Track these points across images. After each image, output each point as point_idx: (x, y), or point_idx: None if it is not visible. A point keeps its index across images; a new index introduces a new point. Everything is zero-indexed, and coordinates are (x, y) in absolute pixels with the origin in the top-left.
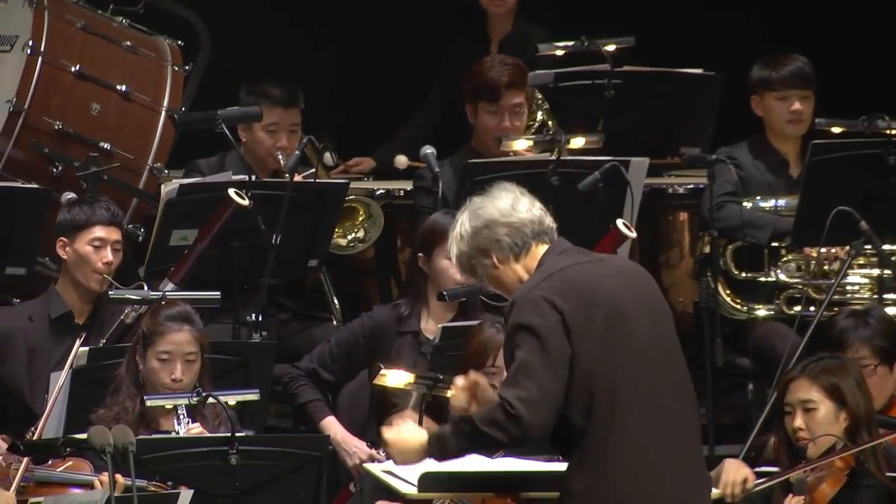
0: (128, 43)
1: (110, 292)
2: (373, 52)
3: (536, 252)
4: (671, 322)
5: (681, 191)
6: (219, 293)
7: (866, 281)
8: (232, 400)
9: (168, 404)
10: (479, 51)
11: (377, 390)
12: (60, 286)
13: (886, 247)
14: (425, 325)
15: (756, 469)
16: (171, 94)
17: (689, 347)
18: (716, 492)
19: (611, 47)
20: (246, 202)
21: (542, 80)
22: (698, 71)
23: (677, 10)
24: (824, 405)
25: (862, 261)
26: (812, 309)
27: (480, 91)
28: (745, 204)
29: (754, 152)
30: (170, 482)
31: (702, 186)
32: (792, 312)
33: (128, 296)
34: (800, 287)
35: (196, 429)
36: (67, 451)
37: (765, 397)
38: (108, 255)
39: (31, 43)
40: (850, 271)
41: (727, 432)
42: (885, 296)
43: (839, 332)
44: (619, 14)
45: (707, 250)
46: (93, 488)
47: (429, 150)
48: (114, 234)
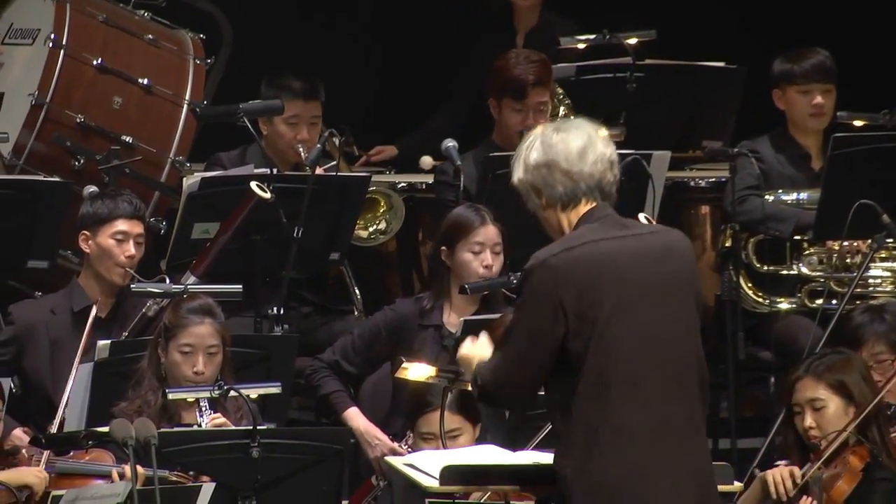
0: (150, 36)
1: (132, 286)
2: (398, 44)
3: (581, 209)
4: (690, 306)
5: (702, 184)
6: (240, 286)
7: (888, 274)
8: (254, 393)
9: (190, 397)
10: (506, 43)
11: (412, 387)
12: (83, 279)
13: None
14: (448, 319)
15: (777, 463)
16: (193, 88)
17: (710, 341)
18: (737, 484)
19: (633, 40)
20: (268, 195)
21: (564, 73)
22: (720, 64)
23: (699, 3)
24: (832, 402)
25: (884, 254)
26: (834, 302)
27: (505, 88)
28: (767, 197)
29: (776, 146)
30: (191, 472)
31: (724, 180)
32: (814, 306)
33: (150, 289)
34: (822, 280)
35: (219, 419)
36: (89, 444)
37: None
38: (130, 248)
39: (52, 36)
40: (872, 264)
41: (749, 425)
42: None
43: (855, 328)
44: (641, 7)
45: (729, 243)
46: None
47: (450, 143)
48: (136, 227)
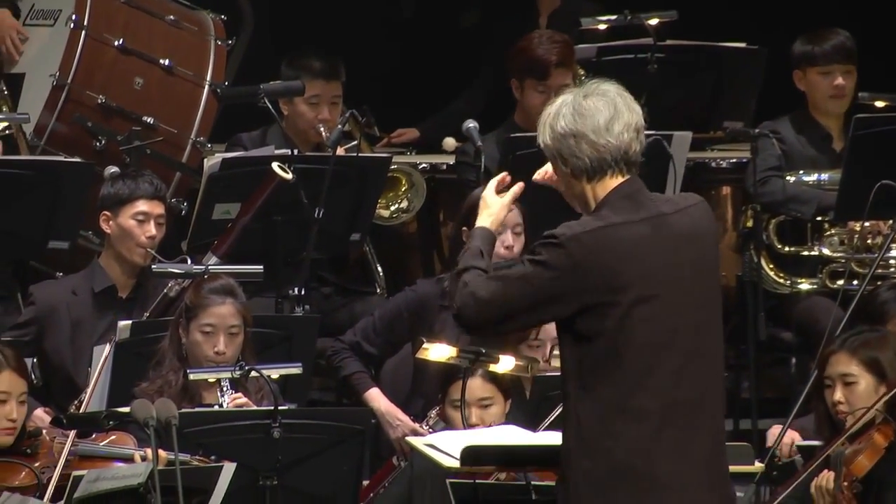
0: (171, 17)
1: (153, 266)
2: (420, 24)
3: (608, 182)
4: (714, 292)
5: (724, 165)
6: (261, 267)
7: None
8: (275, 373)
9: (211, 378)
10: (528, 24)
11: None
12: (104, 260)
13: None
14: None
15: (799, 443)
16: (214, 69)
17: (732, 321)
18: (758, 465)
19: (654, 21)
20: (289, 176)
21: (585, 54)
22: (741, 45)
23: None
24: (864, 379)
25: None
26: (855, 283)
27: (528, 68)
28: (788, 178)
29: (797, 127)
30: (213, 457)
31: (745, 160)
32: (835, 286)
33: (171, 269)
34: (843, 261)
35: (240, 398)
36: (110, 424)
37: (807, 371)
38: (151, 229)
39: (74, 17)
40: (893, 245)
41: (770, 406)
42: None
43: (881, 304)
44: None
45: (750, 224)
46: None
47: (471, 124)
48: (157, 208)
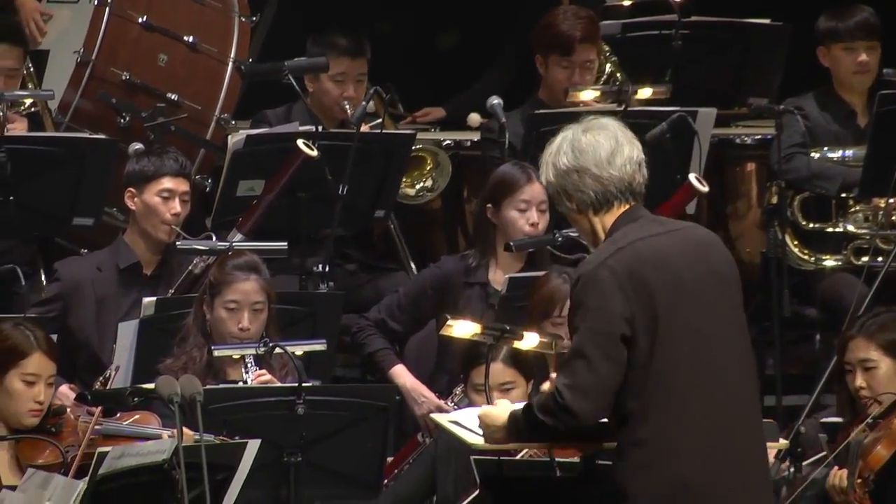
0: None
1: (178, 243)
2: (445, 2)
3: (616, 211)
4: (737, 295)
5: (748, 141)
6: (286, 244)
7: None
8: (299, 350)
9: (235, 354)
10: (553, 1)
11: (465, 342)
12: (129, 236)
13: None
14: (493, 276)
15: (823, 419)
16: (239, 45)
17: (756, 298)
18: (783, 441)
19: None
20: (314, 153)
21: (610, 31)
22: (766, 21)
23: None
24: (884, 363)
25: None
26: (880, 259)
27: (552, 44)
28: (813, 155)
29: (821, 103)
30: (237, 437)
31: (770, 137)
32: (860, 263)
33: (195, 246)
34: (868, 238)
35: (264, 375)
36: (135, 400)
37: (832, 348)
38: (176, 206)
39: None
40: None
41: (794, 383)
42: None
43: None
44: None
45: (774, 201)
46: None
47: (495, 100)
48: (182, 185)
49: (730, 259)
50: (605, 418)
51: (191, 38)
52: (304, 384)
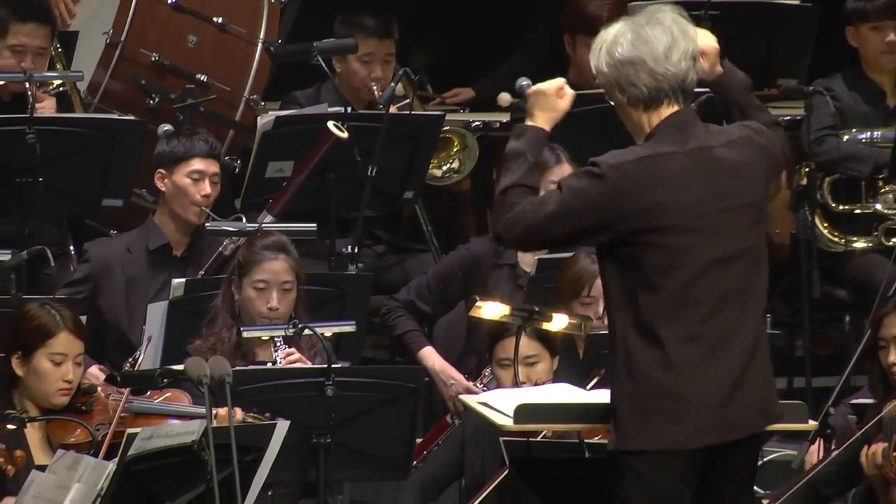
0: None
1: (207, 224)
2: None
3: (663, 111)
4: (757, 226)
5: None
6: (315, 225)
7: None
8: (328, 331)
9: (265, 336)
10: None
11: (492, 321)
12: (158, 218)
13: None
14: (522, 258)
15: (852, 401)
16: (268, 26)
17: (786, 279)
18: (812, 423)
19: None
20: (345, 135)
21: None
22: (795, 2)
23: None
24: None
25: None
26: None
27: (580, 24)
28: (843, 137)
29: (850, 84)
30: (267, 414)
31: (799, 118)
32: (890, 244)
33: (225, 228)
34: None
35: (294, 354)
36: (164, 382)
37: (862, 329)
38: (206, 187)
39: None
40: None
41: (824, 364)
42: None
43: None
44: None
45: (804, 182)
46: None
47: (524, 81)
48: (212, 166)
49: (756, 185)
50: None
51: (220, 19)
52: (333, 366)
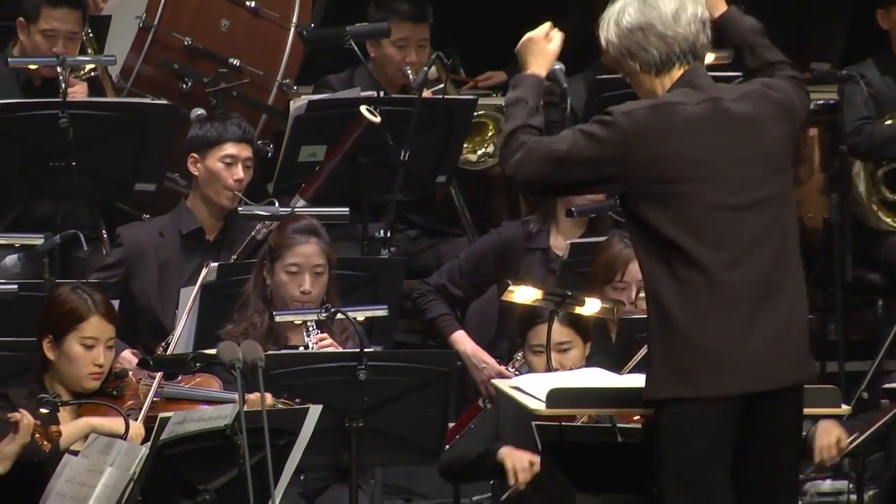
0: None
1: (240, 208)
2: None
3: (675, 73)
4: (779, 175)
5: (811, 106)
6: (347, 209)
7: None
8: (360, 316)
9: (297, 320)
10: None
11: (524, 306)
12: (191, 202)
13: None
14: (554, 242)
15: (885, 385)
16: (301, 11)
17: (819, 263)
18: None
19: None
20: (377, 119)
21: None
22: None
23: None
24: None
25: None
26: None
27: None
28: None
29: (881, 68)
30: (297, 399)
31: (832, 102)
32: None
33: (257, 212)
34: None
35: (326, 339)
36: (197, 366)
37: (895, 313)
38: (239, 172)
39: None
40: None
41: (857, 348)
42: None
43: None
44: None
45: (838, 167)
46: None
47: (557, 65)
48: (245, 151)
49: (774, 136)
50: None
51: (253, 4)
52: (365, 350)
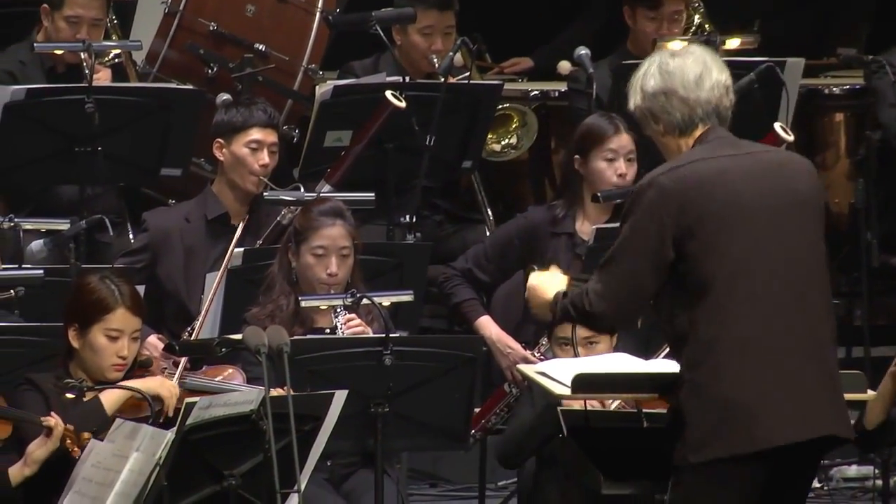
0: None
1: (265, 194)
2: None
3: (698, 133)
4: (811, 223)
5: (837, 91)
6: (373, 195)
7: None
8: (386, 301)
9: (323, 305)
10: None
11: None
12: (217, 187)
13: None
14: (580, 227)
15: None
16: None
17: (844, 249)
18: (871, 393)
19: None
20: (403, 104)
21: None
22: None
23: None
24: None
25: None
26: None
27: None
28: None
29: None
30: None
31: (858, 87)
32: None
33: (283, 197)
34: None
35: (354, 320)
36: (222, 351)
37: None
38: (264, 157)
39: None
40: None
41: (882, 333)
42: None
43: None
44: None
45: (864, 150)
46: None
47: (583, 51)
48: (270, 136)
49: (812, 185)
50: (630, 325)
51: None
52: (391, 335)
